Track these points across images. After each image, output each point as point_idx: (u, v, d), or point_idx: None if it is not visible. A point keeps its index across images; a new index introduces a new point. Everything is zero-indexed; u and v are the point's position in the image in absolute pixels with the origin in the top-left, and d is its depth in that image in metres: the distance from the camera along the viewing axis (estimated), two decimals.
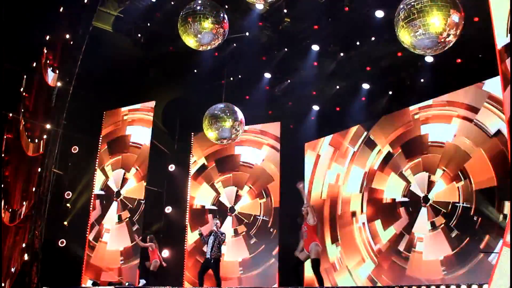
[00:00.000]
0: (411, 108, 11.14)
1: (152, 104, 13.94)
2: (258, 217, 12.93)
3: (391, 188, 11.23)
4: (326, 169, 12.75)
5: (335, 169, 12.55)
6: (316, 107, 13.71)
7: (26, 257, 12.89)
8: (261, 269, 12.50)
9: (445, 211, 9.95)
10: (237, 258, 12.81)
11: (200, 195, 13.74)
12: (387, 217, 11.16)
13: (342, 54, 12.39)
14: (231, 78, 13.92)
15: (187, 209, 13.62)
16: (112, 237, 13.43)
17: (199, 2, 7.79)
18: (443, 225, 9.90)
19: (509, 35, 5.99)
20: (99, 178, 14.11)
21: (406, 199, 10.82)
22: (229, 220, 13.16)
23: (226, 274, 12.35)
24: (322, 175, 12.81)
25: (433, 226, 10.08)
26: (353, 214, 11.88)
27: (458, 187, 9.84)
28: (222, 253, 9.87)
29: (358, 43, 11.91)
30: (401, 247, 10.60)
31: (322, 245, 9.76)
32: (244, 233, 12.99)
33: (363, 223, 11.56)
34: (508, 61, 5.97)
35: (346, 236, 11.93)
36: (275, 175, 13.01)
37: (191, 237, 13.38)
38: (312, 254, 8.10)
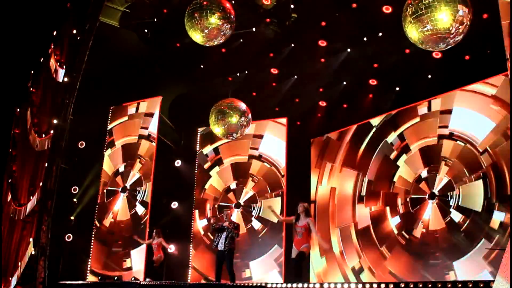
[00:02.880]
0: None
1: (158, 99, 13.94)
2: (263, 212, 12.92)
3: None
4: (332, 165, 12.70)
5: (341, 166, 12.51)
6: (323, 103, 13.68)
7: (33, 251, 12.95)
8: (267, 265, 12.50)
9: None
10: (242, 253, 12.79)
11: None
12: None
13: (349, 50, 12.35)
14: (238, 74, 13.93)
15: (193, 204, 13.63)
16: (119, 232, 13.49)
17: None
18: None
19: None
20: (105, 173, 14.14)
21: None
22: (235, 214, 13.14)
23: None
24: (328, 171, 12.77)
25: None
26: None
27: None
28: (235, 245, 9.63)
29: (365, 39, 11.86)
30: None
31: None
32: (250, 228, 12.98)
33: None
34: None
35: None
36: (281, 171, 12.96)
37: (197, 232, 13.41)
38: (302, 249, 8.21)
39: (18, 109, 18.23)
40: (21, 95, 17.73)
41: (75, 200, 13.97)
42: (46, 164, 13.65)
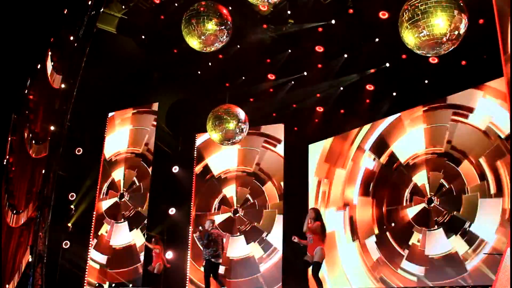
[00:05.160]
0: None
1: (156, 105, 13.95)
2: (262, 218, 12.92)
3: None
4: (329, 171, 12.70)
5: (339, 171, 12.51)
6: (320, 109, 13.69)
7: (30, 258, 12.92)
8: (265, 271, 12.48)
9: None
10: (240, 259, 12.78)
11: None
12: None
13: (346, 56, 12.39)
14: (235, 80, 13.94)
15: (191, 210, 13.60)
16: (116, 239, 13.44)
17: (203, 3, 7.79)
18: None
19: None
20: (103, 180, 14.11)
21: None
22: (232, 221, 13.14)
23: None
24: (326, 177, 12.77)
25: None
26: None
27: None
28: (220, 254, 9.59)
29: (362, 44, 11.89)
30: None
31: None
32: (247, 234, 12.97)
33: None
34: None
35: None
36: (279, 178, 12.96)
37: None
38: (316, 257, 8.07)
39: (15, 116, 18.22)
40: (18, 101, 17.72)
41: (72, 206, 13.94)
42: (44, 171, 13.63)
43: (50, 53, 15.89)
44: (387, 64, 11.89)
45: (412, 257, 10.38)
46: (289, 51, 13.00)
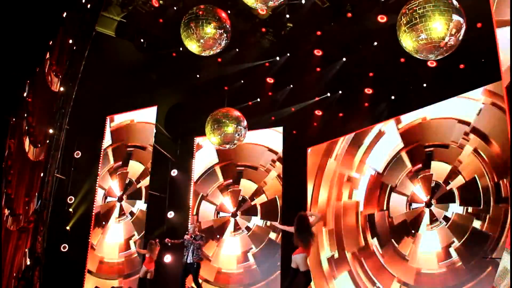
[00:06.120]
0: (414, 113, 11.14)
1: (154, 108, 13.96)
2: (260, 221, 12.91)
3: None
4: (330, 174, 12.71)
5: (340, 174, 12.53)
6: (319, 112, 13.71)
7: (28, 261, 12.88)
8: (264, 277, 12.48)
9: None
10: (238, 264, 12.76)
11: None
12: None
13: (344, 59, 12.41)
14: (234, 83, 13.96)
15: (190, 214, 13.59)
16: (114, 242, 13.43)
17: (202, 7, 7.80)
18: None
19: None
20: (101, 183, 14.10)
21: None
22: (231, 224, 13.13)
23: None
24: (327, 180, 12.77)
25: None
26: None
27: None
28: (202, 257, 9.90)
29: (360, 48, 11.91)
30: None
31: None
32: (245, 238, 12.96)
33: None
34: None
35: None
36: (278, 181, 12.96)
37: None
38: (301, 266, 7.07)
39: (14, 119, 18.21)
40: (17, 104, 17.71)
41: (70, 210, 13.91)
42: (42, 174, 13.60)
43: (48, 56, 15.89)
44: (386, 68, 11.90)
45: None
46: (288, 54, 13.03)
